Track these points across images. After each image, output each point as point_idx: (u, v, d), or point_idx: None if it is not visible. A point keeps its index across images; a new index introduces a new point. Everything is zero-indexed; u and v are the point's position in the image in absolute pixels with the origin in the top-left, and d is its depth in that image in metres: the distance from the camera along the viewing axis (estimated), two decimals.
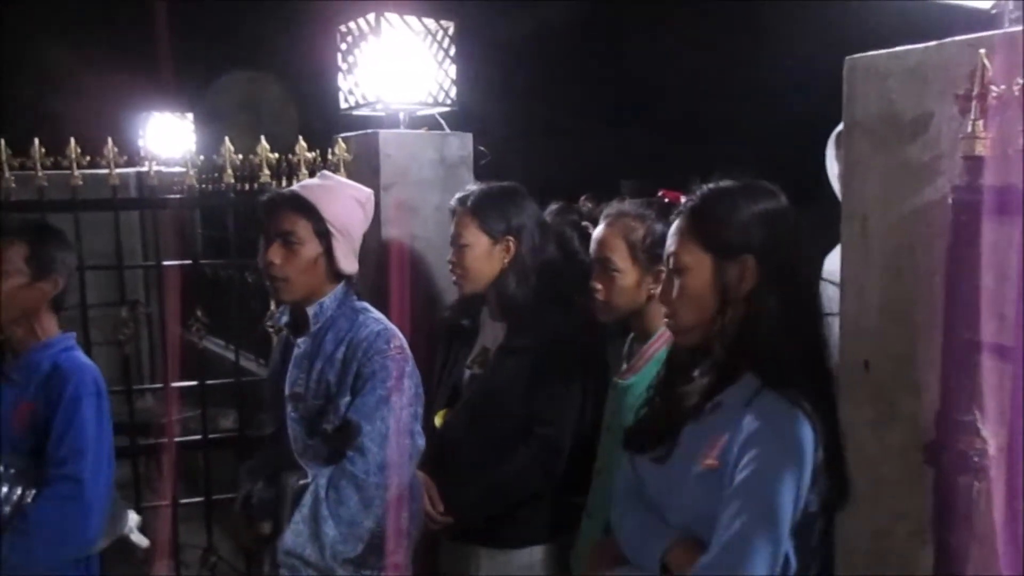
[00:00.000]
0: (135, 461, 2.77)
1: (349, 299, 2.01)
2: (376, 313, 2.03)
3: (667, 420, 1.41)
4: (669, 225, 1.84)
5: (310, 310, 1.97)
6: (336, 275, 1.98)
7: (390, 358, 1.92)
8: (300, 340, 1.98)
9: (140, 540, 2.08)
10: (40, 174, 2.52)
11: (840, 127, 2.06)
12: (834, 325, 1.48)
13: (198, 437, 2.88)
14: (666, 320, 1.45)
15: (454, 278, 2.17)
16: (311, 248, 1.93)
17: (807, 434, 1.26)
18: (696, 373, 1.42)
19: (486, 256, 2.11)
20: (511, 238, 2.11)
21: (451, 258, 2.16)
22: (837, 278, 1.51)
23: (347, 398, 1.91)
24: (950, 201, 1.23)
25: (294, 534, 1.84)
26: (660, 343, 1.89)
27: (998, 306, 1.18)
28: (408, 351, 1.98)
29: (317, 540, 1.84)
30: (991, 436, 1.22)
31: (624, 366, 1.95)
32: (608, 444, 1.92)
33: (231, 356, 3.29)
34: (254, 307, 3.18)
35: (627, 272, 1.88)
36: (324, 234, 1.93)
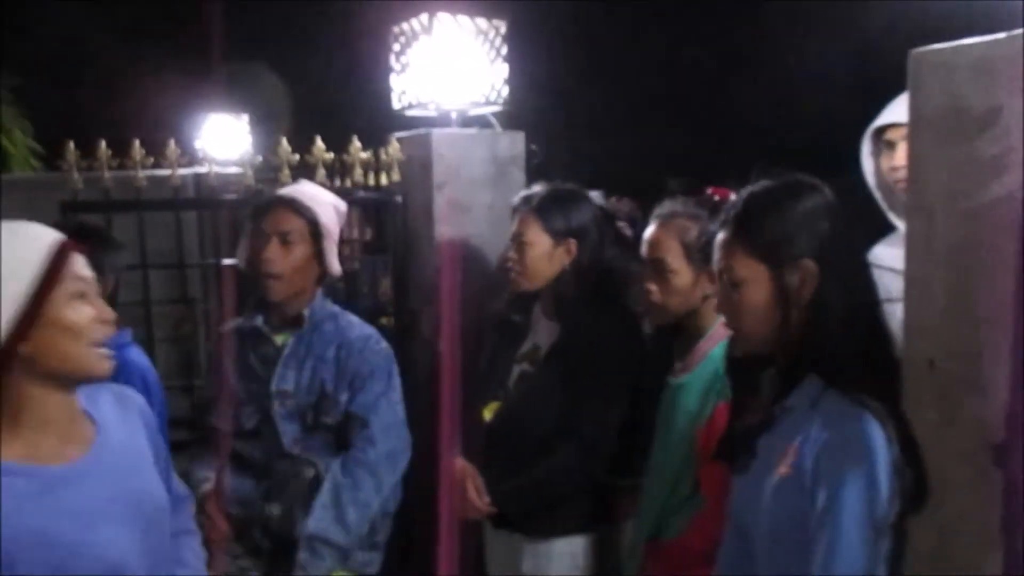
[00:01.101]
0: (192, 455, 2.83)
1: (327, 302, 2.15)
2: (352, 316, 2.17)
3: (741, 432, 1.40)
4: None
5: (306, 311, 2.08)
6: (321, 276, 2.10)
7: (384, 357, 2.10)
8: (289, 339, 2.08)
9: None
10: (107, 175, 2.60)
11: (875, 124, 2.03)
12: (894, 312, 1.45)
13: None
14: (730, 332, 1.43)
15: (512, 275, 2.19)
16: (304, 248, 2.04)
17: (877, 435, 1.24)
18: (763, 381, 1.40)
19: (547, 256, 2.12)
20: (572, 240, 2.11)
21: (511, 255, 2.18)
22: (884, 263, 1.48)
23: (346, 394, 2.04)
24: (1020, 196, 1.20)
25: (317, 519, 1.98)
26: (713, 341, 1.87)
27: None
28: (391, 351, 2.15)
29: (342, 523, 1.99)
30: None
31: (678, 364, 1.95)
32: (660, 443, 1.91)
33: None
34: None
35: (682, 273, 1.87)
36: (317, 235, 2.05)
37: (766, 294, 1.32)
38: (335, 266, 2.11)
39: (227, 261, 2.93)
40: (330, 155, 2.76)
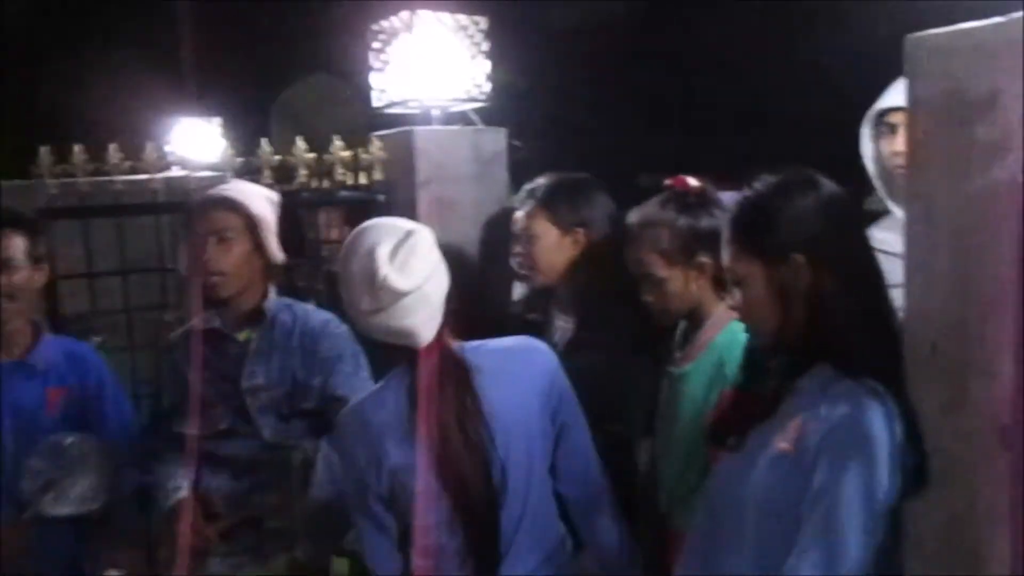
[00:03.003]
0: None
1: (275, 293, 2.18)
2: (304, 304, 2.25)
3: (745, 416, 1.42)
4: (691, 217, 1.85)
5: (266, 305, 2.11)
6: (266, 268, 2.12)
7: (346, 339, 2.13)
8: (253, 335, 2.10)
9: None
10: (82, 180, 2.54)
11: (876, 107, 2.04)
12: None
13: None
14: (733, 320, 1.46)
15: (522, 271, 2.16)
16: (244, 243, 2.07)
17: (882, 421, 1.26)
18: (772, 366, 1.42)
19: (555, 248, 2.09)
20: (581, 230, 2.09)
21: (519, 250, 2.15)
22: (879, 246, 1.49)
23: (318, 379, 2.09)
24: (1022, 179, 1.21)
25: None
26: (715, 329, 1.87)
27: None
28: (351, 332, 2.19)
29: None
30: None
31: (678, 354, 1.94)
32: (663, 433, 1.90)
33: None
34: None
35: (672, 278, 1.86)
36: (253, 229, 2.07)
37: (762, 290, 1.38)
38: (278, 255, 2.13)
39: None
40: (311, 155, 2.72)
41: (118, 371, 2.40)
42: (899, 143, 1.96)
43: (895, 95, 1.98)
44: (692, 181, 1.86)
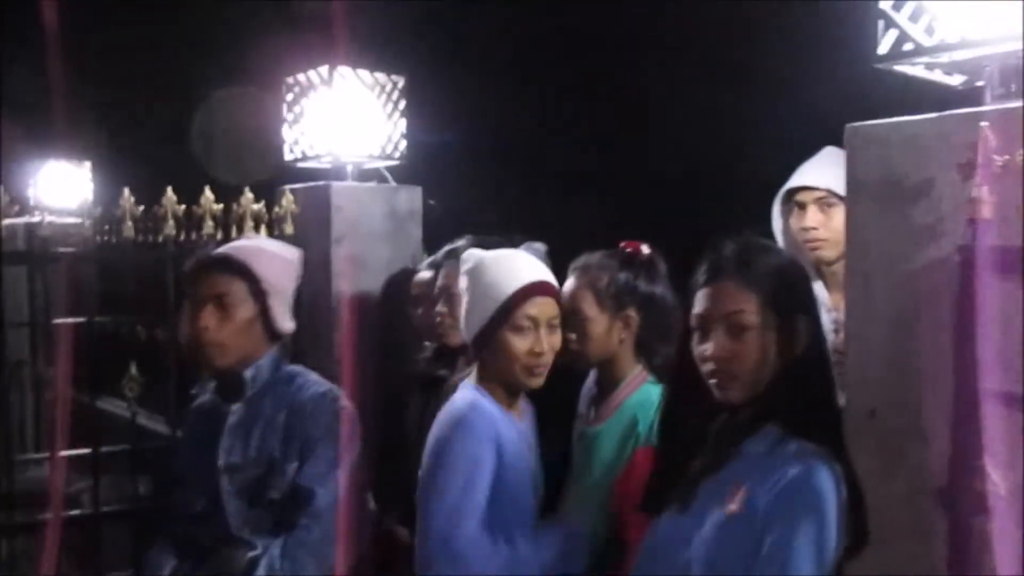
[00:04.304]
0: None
1: (283, 362, 1.97)
2: (314, 375, 1.99)
3: (687, 475, 1.43)
4: (631, 274, 1.91)
5: (247, 373, 1.90)
6: (272, 336, 1.93)
7: (338, 419, 1.89)
8: (235, 407, 1.89)
9: None
10: None
11: (787, 186, 2.20)
12: None
13: (90, 511, 2.60)
14: (717, 379, 1.40)
15: (443, 328, 2.15)
16: (246, 309, 1.87)
17: (831, 483, 1.31)
18: (716, 428, 1.44)
19: None
20: None
21: (440, 308, 2.14)
22: None
23: (294, 464, 1.84)
24: (957, 260, 1.32)
25: None
26: (630, 389, 1.91)
27: (1006, 356, 1.28)
28: (353, 411, 1.95)
29: None
30: (1001, 479, 1.30)
31: (592, 414, 1.97)
32: (576, 492, 1.91)
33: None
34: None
35: (597, 320, 1.91)
36: (259, 294, 1.88)
37: (760, 341, 1.35)
38: (285, 324, 1.94)
39: (62, 320, 2.68)
40: (219, 206, 2.61)
41: None
42: (807, 219, 2.11)
43: (803, 175, 2.13)
44: (645, 248, 1.93)
